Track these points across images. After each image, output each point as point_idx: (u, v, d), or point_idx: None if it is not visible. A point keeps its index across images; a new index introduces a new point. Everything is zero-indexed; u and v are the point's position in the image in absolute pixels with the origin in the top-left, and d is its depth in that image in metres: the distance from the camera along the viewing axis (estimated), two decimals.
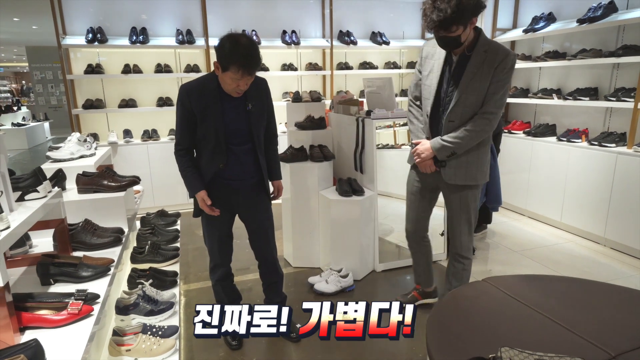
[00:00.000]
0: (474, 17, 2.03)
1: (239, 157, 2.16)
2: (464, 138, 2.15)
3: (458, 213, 2.37)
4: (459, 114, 2.16)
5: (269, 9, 5.25)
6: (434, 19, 1.97)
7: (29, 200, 1.65)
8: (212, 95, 2.07)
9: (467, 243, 2.42)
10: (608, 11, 3.71)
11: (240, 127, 2.14)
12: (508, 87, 2.16)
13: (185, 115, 2.09)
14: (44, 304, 1.44)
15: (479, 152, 2.24)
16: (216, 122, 2.07)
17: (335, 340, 2.42)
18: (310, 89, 5.50)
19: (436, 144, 2.23)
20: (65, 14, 4.56)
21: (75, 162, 2.64)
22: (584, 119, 4.20)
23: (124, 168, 4.08)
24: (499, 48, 2.11)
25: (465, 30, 2.04)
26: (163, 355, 1.84)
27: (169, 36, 4.91)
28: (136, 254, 2.63)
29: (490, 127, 2.15)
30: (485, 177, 2.32)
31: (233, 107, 2.11)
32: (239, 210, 2.31)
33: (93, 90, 4.83)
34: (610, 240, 3.64)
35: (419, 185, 2.47)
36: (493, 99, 2.11)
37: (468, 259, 2.44)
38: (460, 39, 2.06)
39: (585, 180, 3.78)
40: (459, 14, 1.94)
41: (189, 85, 2.10)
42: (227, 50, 1.95)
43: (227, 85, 2.03)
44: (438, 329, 1.49)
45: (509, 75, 2.11)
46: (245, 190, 2.24)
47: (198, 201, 2.17)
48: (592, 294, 1.71)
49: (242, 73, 1.95)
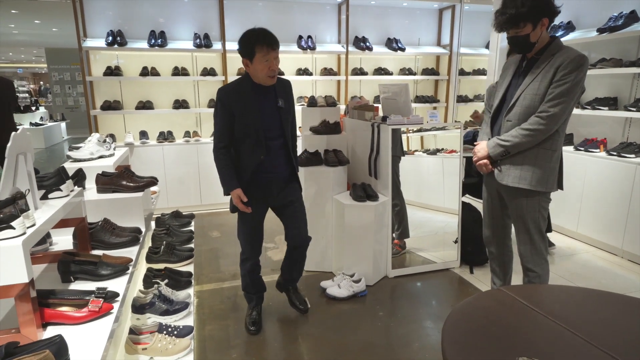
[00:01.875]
0: (545, 17, 2.03)
1: (274, 150, 2.36)
2: (517, 137, 2.11)
3: (515, 221, 2.31)
4: (517, 114, 2.15)
5: (286, 14, 5.30)
6: (506, 13, 2.02)
7: (52, 198, 1.68)
8: (248, 94, 2.28)
9: (528, 254, 2.29)
10: (629, 21, 3.67)
11: (274, 122, 2.34)
12: (574, 91, 2.03)
13: (225, 115, 2.27)
14: (65, 301, 1.47)
15: (537, 155, 2.13)
16: (254, 117, 2.27)
17: (347, 346, 2.43)
18: (325, 93, 5.53)
19: (491, 142, 2.23)
20: (86, 17, 4.66)
21: (94, 162, 2.68)
22: (603, 128, 4.15)
23: (139, 169, 4.14)
24: (568, 50, 2.04)
25: (535, 29, 2.04)
26: (178, 355, 1.86)
27: (187, 40, 4.98)
28: (152, 254, 2.66)
29: (545, 127, 2.06)
30: (546, 186, 2.17)
31: (267, 104, 2.32)
32: (273, 201, 2.49)
33: (111, 92, 4.92)
34: (627, 252, 3.58)
35: (486, 190, 2.46)
36: (550, 98, 2.04)
37: (533, 271, 2.29)
38: (530, 39, 2.06)
39: (603, 190, 3.72)
40: (530, 10, 1.98)
41: (227, 87, 2.32)
42: (247, 38, 2.18)
43: (260, 72, 2.21)
44: (454, 338, 1.48)
45: (571, 76, 1.99)
46: (278, 182, 2.44)
47: (233, 198, 2.34)
48: (610, 306, 1.68)
49: (267, 48, 2.16)
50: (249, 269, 2.58)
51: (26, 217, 1.34)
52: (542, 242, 2.29)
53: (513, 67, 2.28)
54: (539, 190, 2.17)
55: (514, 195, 2.25)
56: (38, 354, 1.05)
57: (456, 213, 3.49)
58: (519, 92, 2.14)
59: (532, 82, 2.09)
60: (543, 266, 2.30)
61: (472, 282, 3.23)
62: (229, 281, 3.27)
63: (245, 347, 2.44)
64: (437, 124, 3.39)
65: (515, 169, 2.18)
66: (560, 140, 2.18)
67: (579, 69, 2.00)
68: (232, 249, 3.90)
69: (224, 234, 4.31)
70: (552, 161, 2.16)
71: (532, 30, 2.03)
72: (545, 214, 2.26)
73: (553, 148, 2.15)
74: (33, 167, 1.59)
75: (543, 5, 2.00)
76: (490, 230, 2.50)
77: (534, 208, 2.22)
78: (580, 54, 2.02)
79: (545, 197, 2.23)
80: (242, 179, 2.35)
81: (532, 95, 2.09)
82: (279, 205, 2.51)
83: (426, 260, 3.57)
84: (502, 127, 2.22)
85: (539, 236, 2.27)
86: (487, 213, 2.49)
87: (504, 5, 2.06)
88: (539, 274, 2.30)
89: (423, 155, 4.95)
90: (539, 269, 2.29)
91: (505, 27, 2.09)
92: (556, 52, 2.06)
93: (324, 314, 2.80)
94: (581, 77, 2.03)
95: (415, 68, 5.93)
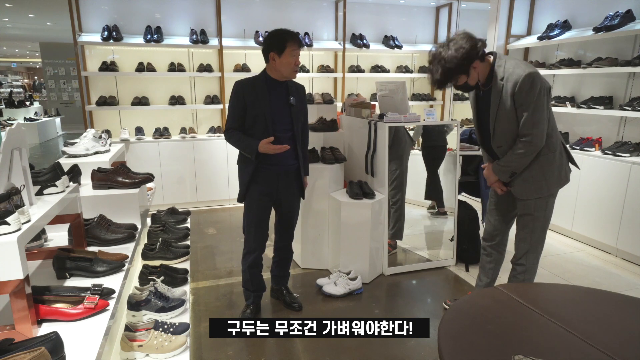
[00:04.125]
0: (472, 62, 2.10)
1: (282, 142, 2.44)
2: (514, 161, 2.20)
3: (521, 217, 2.37)
4: (503, 139, 2.23)
5: (283, 10, 5.28)
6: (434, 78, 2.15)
7: (47, 194, 1.67)
8: (262, 88, 2.44)
9: (524, 250, 2.37)
10: (625, 20, 3.68)
11: (284, 115, 2.48)
12: (538, 105, 2.08)
13: (238, 105, 2.43)
14: (61, 297, 1.46)
15: (540, 165, 2.21)
16: (265, 108, 2.42)
17: (343, 343, 2.43)
18: (322, 91, 5.52)
19: (495, 168, 2.31)
20: (81, 11, 4.62)
21: (90, 158, 2.66)
22: (598, 127, 4.17)
23: (135, 165, 4.10)
24: (513, 73, 2.09)
25: (471, 76, 2.14)
26: (174, 352, 1.85)
27: (183, 35, 4.95)
28: (147, 251, 2.64)
29: (533, 146, 2.14)
30: (560, 182, 2.28)
31: (279, 99, 2.48)
32: (277, 196, 2.58)
33: (107, 88, 4.89)
34: (622, 251, 3.61)
35: (495, 198, 2.51)
36: (524, 122, 2.11)
37: (522, 265, 2.39)
38: (470, 83, 2.18)
39: (598, 189, 3.74)
40: (454, 69, 2.08)
41: (242, 81, 2.49)
42: (280, 35, 2.39)
43: (286, 67, 2.40)
44: (450, 335, 1.48)
45: (530, 95, 2.06)
46: (285, 176, 2.55)
47: (263, 147, 2.37)
48: (605, 304, 1.70)
49: (297, 45, 2.39)
50: (251, 262, 2.62)
51: (21, 213, 1.32)
52: (541, 242, 2.37)
53: (472, 96, 2.37)
54: (553, 192, 2.27)
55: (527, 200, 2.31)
56: (33, 351, 1.04)
57: (452, 211, 3.50)
58: (492, 122, 2.22)
59: (499, 110, 2.17)
60: (533, 263, 2.39)
61: (467, 280, 3.25)
62: (225, 278, 3.27)
63: (241, 344, 2.44)
64: (433, 122, 3.40)
65: (528, 184, 2.25)
66: (554, 140, 2.23)
67: (532, 85, 2.06)
68: (228, 246, 3.89)
69: (220, 231, 4.30)
70: (556, 160, 2.23)
71: (467, 78, 2.15)
72: (551, 212, 2.34)
73: (552, 150, 2.22)
74: (28, 163, 1.58)
75: (466, 55, 2.06)
76: (493, 223, 2.56)
77: (542, 207, 2.30)
78: (526, 73, 2.05)
79: (554, 196, 2.31)
80: (248, 170, 2.48)
81: (506, 121, 2.17)
82: (283, 200, 2.61)
83: (422, 258, 3.58)
84: (495, 153, 2.32)
85: (543, 235, 2.35)
86: (494, 205, 2.53)
87: (430, 67, 2.16)
88: (524, 265, 2.39)
89: (418, 153, 4.96)
90: (524, 260, 2.38)
91: (439, 87, 2.22)
92: (503, 77, 2.12)
93: (320, 312, 2.80)
94: (538, 90, 2.07)
95: (412, 66, 5.93)
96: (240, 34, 5.14)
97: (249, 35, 5.15)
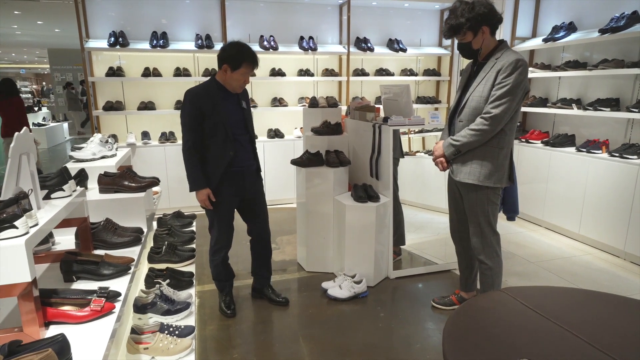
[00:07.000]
0: (484, 25, 2.20)
1: (242, 145, 2.58)
2: (465, 137, 2.29)
3: (467, 214, 2.47)
4: (467, 114, 2.31)
5: (287, 15, 5.31)
6: (448, 23, 2.23)
7: (55, 198, 1.69)
8: (216, 96, 2.49)
9: (479, 246, 2.46)
10: (631, 21, 3.67)
11: (239, 120, 2.58)
12: (514, 92, 2.17)
13: (194, 115, 2.45)
14: (67, 300, 1.48)
15: (485, 152, 2.30)
16: (223, 116, 2.48)
17: (349, 346, 2.43)
18: (326, 94, 5.53)
19: (445, 142, 2.41)
20: (88, 18, 4.68)
21: (97, 163, 2.69)
22: (604, 130, 4.14)
23: (141, 169, 4.14)
24: (509, 54, 2.20)
25: (476, 37, 2.23)
26: (179, 355, 1.87)
27: (189, 41, 4.99)
28: (153, 254, 2.67)
29: (489, 127, 2.22)
30: (493, 181, 2.33)
31: (232, 105, 2.56)
32: (245, 195, 2.68)
33: (113, 93, 4.94)
34: (630, 254, 3.57)
35: (448, 187, 2.63)
36: (492, 100, 2.20)
37: (484, 263, 2.47)
38: (472, 46, 2.25)
39: (605, 192, 3.72)
40: (469, 21, 2.17)
41: (195, 89, 2.52)
42: (239, 52, 2.42)
43: (235, 82, 2.47)
44: (455, 339, 1.48)
45: (510, 78, 2.15)
46: (249, 175, 2.67)
47: (199, 196, 2.53)
48: (612, 308, 1.68)
49: (252, 67, 2.45)
50: (223, 258, 2.77)
51: (29, 216, 1.34)
52: (492, 235, 2.45)
53: (468, 71, 2.45)
54: (486, 185, 2.33)
55: (466, 190, 2.42)
56: (40, 353, 1.05)
57: None
58: (468, 94, 2.32)
59: (479, 85, 2.27)
60: (494, 259, 2.47)
61: None
62: None
63: (247, 347, 2.45)
64: (438, 124, 3.39)
65: (465, 166, 2.36)
66: (507, 138, 2.32)
67: (518, 70, 2.15)
68: (233, 250, 3.87)
69: None
70: (500, 158, 2.31)
71: (473, 38, 2.24)
72: (495, 208, 2.42)
73: (500, 146, 2.30)
74: (36, 167, 1.60)
75: (482, 15, 2.17)
76: (455, 226, 2.68)
77: (483, 201, 2.38)
78: (519, 58, 2.18)
79: (494, 192, 2.38)
80: (215, 175, 2.53)
81: (478, 97, 2.26)
82: (250, 198, 2.72)
83: (427, 262, 3.57)
84: (455, 128, 2.40)
85: (489, 229, 2.43)
86: (452, 209, 2.66)
87: (448, 16, 2.27)
88: (490, 266, 2.47)
89: (424, 156, 4.95)
90: (490, 261, 2.46)
91: (448, 35, 2.31)
92: (499, 56, 2.22)
93: (325, 315, 2.80)
94: (521, 79, 2.17)
95: (417, 69, 5.92)
96: (245, 38, 5.17)
97: (253, 40, 5.18)
